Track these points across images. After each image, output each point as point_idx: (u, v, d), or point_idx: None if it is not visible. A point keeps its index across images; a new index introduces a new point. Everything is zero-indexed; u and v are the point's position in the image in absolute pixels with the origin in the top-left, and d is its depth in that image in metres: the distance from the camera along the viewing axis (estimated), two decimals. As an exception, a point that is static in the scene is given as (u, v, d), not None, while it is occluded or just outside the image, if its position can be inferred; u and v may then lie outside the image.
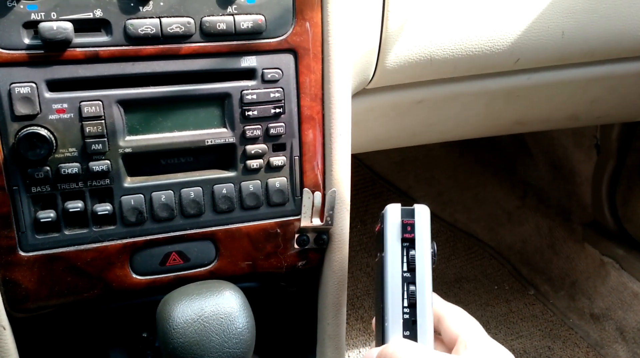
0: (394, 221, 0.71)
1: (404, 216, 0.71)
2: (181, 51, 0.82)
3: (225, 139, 0.86)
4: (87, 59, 0.78)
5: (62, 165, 0.79)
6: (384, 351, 0.66)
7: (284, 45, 0.86)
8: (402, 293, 0.69)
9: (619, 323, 1.90)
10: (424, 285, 0.69)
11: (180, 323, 0.72)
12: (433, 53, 1.08)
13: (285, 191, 0.90)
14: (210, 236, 0.88)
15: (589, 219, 2.07)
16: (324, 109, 0.91)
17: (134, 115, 0.82)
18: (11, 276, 0.80)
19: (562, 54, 1.19)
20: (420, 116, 1.32)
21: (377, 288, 0.73)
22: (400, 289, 0.69)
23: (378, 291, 0.72)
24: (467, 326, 0.68)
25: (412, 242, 0.71)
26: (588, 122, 1.74)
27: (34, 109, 0.76)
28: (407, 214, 0.71)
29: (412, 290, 0.69)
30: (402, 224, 0.71)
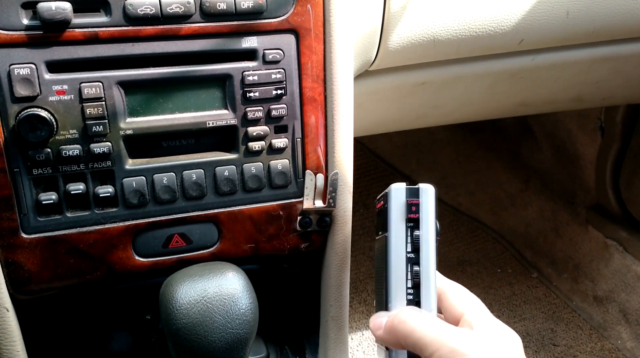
0: (399, 201, 0.70)
1: (408, 195, 0.70)
2: (181, 31, 0.81)
3: (226, 121, 0.85)
4: (86, 39, 0.77)
5: (63, 147, 0.78)
6: (398, 317, 0.65)
7: (285, 25, 0.85)
8: (406, 274, 0.69)
9: (622, 305, 1.90)
10: (428, 266, 0.69)
11: (184, 304, 0.72)
12: (436, 34, 1.06)
13: (288, 173, 0.90)
14: (212, 219, 0.88)
15: (593, 202, 2.06)
16: (326, 91, 0.90)
17: (134, 96, 0.81)
18: (14, 258, 0.80)
19: (567, 35, 1.18)
20: (423, 98, 1.31)
21: (378, 267, 0.73)
22: (405, 270, 0.69)
23: (380, 271, 0.72)
24: (471, 304, 0.67)
25: (417, 222, 0.70)
26: (593, 104, 1.72)
27: (34, 90, 0.76)
28: (412, 194, 0.70)
29: (416, 270, 0.68)
30: (407, 204, 0.70)
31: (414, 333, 0.62)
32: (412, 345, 0.62)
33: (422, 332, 0.62)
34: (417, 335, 0.62)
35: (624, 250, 1.92)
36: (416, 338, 0.62)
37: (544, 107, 1.61)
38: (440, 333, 0.61)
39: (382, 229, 0.72)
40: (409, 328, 0.63)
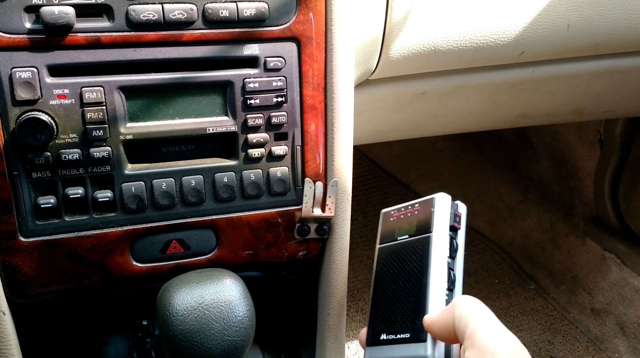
0: (445, 209, 0.73)
1: (453, 206, 0.74)
2: (183, 37, 0.81)
3: (227, 128, 0.86)
4: (88, 44, 0.78)
5: (62, 151, 0.78)
6: (468, 302, 0.63)
7: (287, 33, 0.85)
8: (447, 277, 0.70)
9: (619, 318, 1.89)
10: (460, 274, 0.71)
11: (181, 310, 0.72)
12: (437, 44, 1.07)
13: (287, 181, 0.90)
14: (210, 225, 0.88)
15: (591, 214, 2.06)
16: (327, 99, 0.90)
17: (135, 102, 0.81)
18: (11, 262, 0.80)
19: (567, 47, 1.19)
20: (423, 107, 1.31)
21: (400, 269, 0.73)
22: (446, 273, 0.70)
23: (407, 272, 0.71)
24: (478, 313, 0.64)
25: (457, 232, 0.73)
26: (592, 116, 1.73)
27: (35, 94, 0.76)
28: (455, 206, 0.74)
29: (453, 275, 0.71)
30: (452, 213, 0.73)
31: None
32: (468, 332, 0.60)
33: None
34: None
35: (622, 262, 1.92)
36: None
37: (544, 119, 1.61)
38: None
39: (417, 232, 0.72)
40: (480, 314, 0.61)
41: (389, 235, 0.76)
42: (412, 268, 0.71)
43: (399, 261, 0.72)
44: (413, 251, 0.71)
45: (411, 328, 0.67)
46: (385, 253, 0.75)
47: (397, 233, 0.75)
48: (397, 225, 0.75)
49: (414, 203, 0.75)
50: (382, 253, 0.75)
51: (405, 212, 0.75)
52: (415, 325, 0.66)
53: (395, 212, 0.77)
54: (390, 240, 0.75)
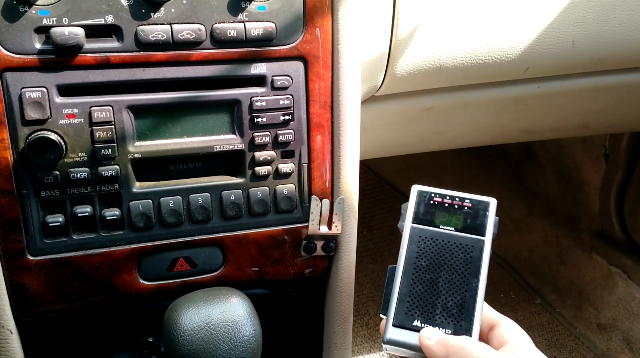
0: (494, 216, 0.73)
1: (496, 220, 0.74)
2: (192, 57, 0.82)
3: (234, 146, 0.86)
4: (98, 64, 0.78)
5: (71, 170, 0.79)
6: (457, 340, 0.66)
7: (294, 52, 0.86)
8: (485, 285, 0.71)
9: (625, 333, 1.88)
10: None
11: (188, 330, 0.72)
12: (442, 61, 1.07)
13: (293, 198, 0.90)
14: (217, 242, 0.88)
15: (597, 229, 2.06)
16: (333, 117, 0.91)
17: (143, 121, 0.82)
18: (19, 280, 0.80)
19: (572, 64, 1.19)
20: (428, 123, 1.31)
21: (448, 260, 0.72)
22: (487, 276, 0.71)
23: (456, 267, 0.71)
24: (518, 335, 0.69)
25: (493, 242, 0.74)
26: (597, 131, 1.73)
27: (45, 113, 0.77)
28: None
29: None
30: (496, 222, 0.74)
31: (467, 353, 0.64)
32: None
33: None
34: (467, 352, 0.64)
35: (628, 277, 1.91)
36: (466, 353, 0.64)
37: (549, 134, 1.61)
38: (488, 353, 0.64)
39: (466, 230, 0.72)
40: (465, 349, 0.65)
41: (426, 218, 0.74)
42: (459, 265, 0.70)
43: (442, 252, 0.71)
44: (462, 248, 0.71)
45: (454, 325, 0.68)
46: (421, 235, 0.73)
47: (438, 220, 0.73)
48: (438, 211, 0.74)
49: (464, 197, 0.74)
50: (416, 233, 0.73)
51: (451, 202, 0.74)
52: (459, 323, 0.67)
53: (437, 197, 0.75)
54: (429, 224, 0.73)
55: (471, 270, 0.70)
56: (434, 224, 0.73)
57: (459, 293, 0.69)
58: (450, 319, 0.68)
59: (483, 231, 0.72)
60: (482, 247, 0.71)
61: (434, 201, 0.74)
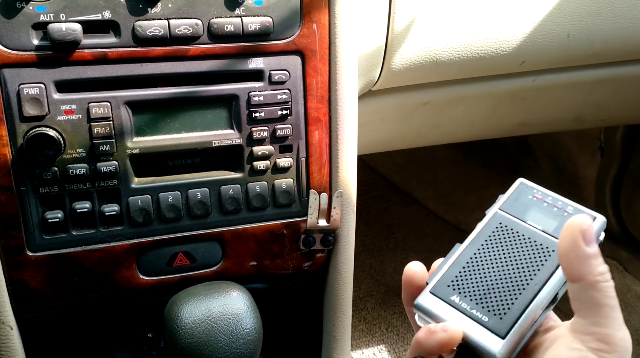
0: (601, 233, 0.65)
1: (600, 233, 0.65)
2: (189, 52, 0.82)
3: (232, 141, 0.86)
4: (95, 60, 0.78)
5: (70, 166, 0.79)
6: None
7: (291, 47, 0.86)
8: (553, 296, 0.63)
9: (622, 325, 1.89)
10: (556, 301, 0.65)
11: (188, 323, 0.72)
12: (439, 55, 1.08)
13: (292, 193, 0.90)
14: (216, 237, 0.89)
15: (593, 221, 2.06)
16: (331, 111, 0.91)
17: (141, 116, 0.82)
18: (19, 276, 0.80)
19: (568, 57, 1.20)
20: (425, 117, 1.32)
21: (522, 254, 0.64)
22: (555, 292, 0.63)
23: (527, 263, 0.63)
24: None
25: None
26: (593, 124, 1.74)
27: (43, 110, 0.77)
28: (600, 234, 0.66)
29: (557, 298, 0.64)
30: (599, 240, 0.65)
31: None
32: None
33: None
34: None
35: (624, 269, 1.92)
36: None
37: (545, 127, 1.62)
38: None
39: (555, 233, 0.64)
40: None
41: (517, 209, 0.67)
42: (530, 263, 0.63)
43: (518, 245, 0.65)
44: (541, 248, 0.64)
45: (495, 316, 0.60)
46: (503, 222, 0.67)
47: (528, 215, 0.67)
48: (533, 206, 0.68)
49: (568, 203, 0.66)
50: (498, 219, 0.67)
51: (551, 203, 0.67)
52: (501, 316, 0.60)
53: (538, 194, 0.68)
54: (517, 216, 0.67)
55: (540, 273, 0.62)
56: (523, 218, 0.67)
57: (516, 287, 0.61)
58: (493, 307, 0.61)
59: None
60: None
61: (533, 196, 0.68)
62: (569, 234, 0.55)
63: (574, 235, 0.55)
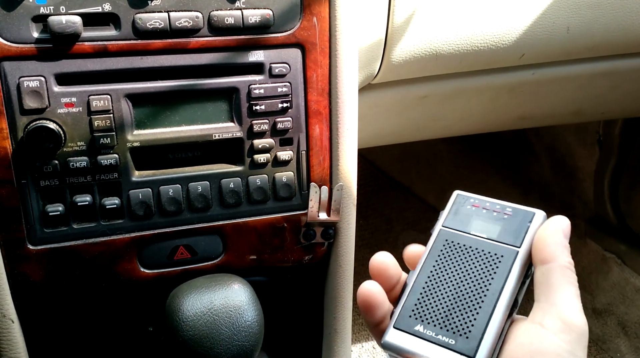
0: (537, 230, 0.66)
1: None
2: (189, 45, 0.82)
3: (232, 134, 0.86)
4: (95, 53, 0.78)
5: (70, 159, 0.79)
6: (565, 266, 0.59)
7: (292, 39, 0.86)
8: (513, 302, 0.63)
9: (620, 318, 1.90)
10: (519, 304, 0.64)
11: (190, 316, 0.72)
12: (439, 48, 1.08)
13: (292, 186, 0.90)
14: (217, 230, 0.89)
15: (591, 215, 2.07)
16: (331, 104, 0.91)
17: (142, 109, 0.82)
18: (20, 270, 0.80)
19: (567, 50, 1.20)
20: (424, 111, 1.32)
21: (473, 268, 0.64)
22: (514, 297, 0.63)
23: (479, 276, 0.63)
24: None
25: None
26: (592, 117, 1.74)
27: (43, 102, 0.77)
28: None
29: (517, 302, 0.64)
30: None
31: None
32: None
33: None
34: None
35: (623, 262, 1.93)
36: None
37: (544, 120, 1.62)
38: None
39: (500, 239, 0.64)
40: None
41: (459, 222, 0.67)
42: (482, 275, 0.63)
43: (468, 259, 0.64)
44: (490, 257, 0.63)
45: (460, 337, 0.60)
46: (449, 238, 0.66)
47: (471, 226, 0.67)
48: (474, 216, 0.67)
49: (506, 205, 0.67)
50: (444, 236, 0.67)
51: (490, 208, 0.67)
52: (466, 336, 0.60)
53: (476, 202, 0.68)
54: (460, 229, 0.67)
55: (495, 282, 0.61)
56: (466, 229, 0.67)
57: (475, 303, 0.61)
58: (457, 329, 0.60)
59: (519, 242, 0.63)
60: (514, 258, 0.62)
61: (471, 205, 0.68)
62: (555, 223, 0.60)
63: (559, 225, 0.60)
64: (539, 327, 0.56)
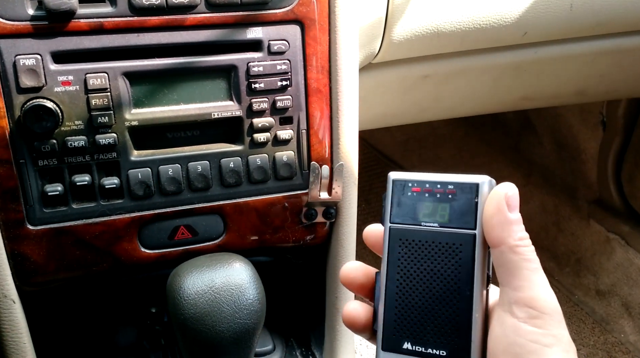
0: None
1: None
2: (186, 21, 0.81)
3: (232, 113, 0.85)
4: (91, 30, 0.77)
5: (68, 138, 0.78)
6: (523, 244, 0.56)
7: (290, 16, 0.85)
8: (486, 278, 0.60)
9: (624, 299, 1.90)
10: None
11: (191, 294, 0.72)
12: (440, 26, 1.06)
13: (293, 165, 0.90)
14: (218, 210, 0.88)
15: (595, 196, 2.06)
16: (331, 82, 0.90)
17: (139, 87, 0.81)
18: (20, 250, 0.80)
19: (570, 27, 1.18)
20: (427, 91, 1.31)
21: (435, 265, 0.59)
22: (486, 275, 0.60)
23: (444, 273, 0.59)
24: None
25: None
26: (595, 97, 1.72)
27: (39, 81, 0.76)
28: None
29: (489, 273, 0.60)
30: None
31: None
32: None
33: None
34: None
35: (626, 243, 1.92)
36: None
37: (547, 101, 1.60)
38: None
39: (452, 223, 0.59)
40: None
41: (406, 214, 0.61)
42: (447, 270, 0.59)
43: (427, 256, 0.60)
44: (449, 248, 0.59)
45: (449, 346, 0.57)
46: (402, 237, 0.61)
47: (420, 216, 0.61)
48: (418, 203, 0.61)
49: (446, 181, 0.60)
50: (396, 236, 0.61)
51: (431, 190, 0.61)
52: (454, 342, 0.57)
53: (415, 186, 0.61)
54: (410, 222, 0.61)
55: (462, 275, 0.57)
56: (416, 220, 0.60)
57: (450, 305, 0.57)
58: (443, 338, 0.57)
59: (473, 223, 0.57)
60: (474, 243, 0.57)
61: (413, 191, 0.61)
62: (494, 201, 0.55)
63: (499, 201, 0.55)
64: (509, 315, 0.53)
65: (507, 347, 0.53)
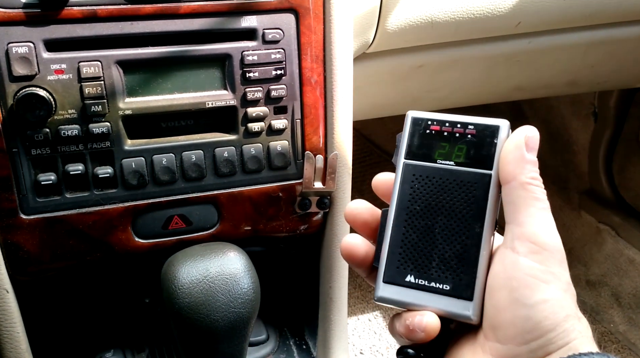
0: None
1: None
2: (180, 10, 0.80)
3: (226, 102, 0.85)
4: (85, 18, 0.77)
5: (61, 127, 0.78)
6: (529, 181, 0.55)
7: (285, 4, 0.85)
8: (495, 222, 0.60)
9: (614, 289, 1.92)
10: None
11: (186, 283, 0.72)
12: (434, 15, 1.06)
13: (287, 155, 0.90)
14: (212, 200, 0.88)
15: (586, 187, 2.08)
16: (326, 72, 0.90)
17: (133, 76, 0.81)
18: (13, 240, 0.80)
19: (563, 17, 1.18)
20: (420, 81, 1.31)
21: (447, 201, 0.59)
22: (496, 218, 0.60)
23: (456, 210, 0.59)
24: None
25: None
26: (587, 88, 1.73)
27: (32, 69, 0.75)
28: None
29: (497, 217, 0.61)
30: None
31: None
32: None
33: None
34: None
35: (617, 234, 1.94)
36: None
37: (540, 91, 1.61)
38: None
39: (469, 163, 0.59)
40: None
41: (422, 152, 0.61)
42: (459, 207, 0.58)
43: (440, 192, 0.60)
44: (464, 186, 0.59)
45: (453, 280, 0.57)
46: (415, 173, 0.60)
47: (436, 154, 0.61)
48: (436, 142, 0.61)
49: (467, 122, 0.60)
50: (410, 171, 0.60)
51: (451, 130, 0.61)
52: (459, 277, 0.57)
53: (435, 124, 0.61)
54: (426, 159, 0.61)
55: (474, 213, 0.58)
56: (432, 158, 0.60)
57: (459, 241, 0.58)
58: (448, 273, 0.57)
59: (490, 164, 0.58)
60: (488, 183, 0.58)
61: (431, 129, 0.61)
62: (514, 138, 0.56)
63: (518, 139, 0.55)
64: (510, 251, 0.53)
65: (505, 281, 0.53)
